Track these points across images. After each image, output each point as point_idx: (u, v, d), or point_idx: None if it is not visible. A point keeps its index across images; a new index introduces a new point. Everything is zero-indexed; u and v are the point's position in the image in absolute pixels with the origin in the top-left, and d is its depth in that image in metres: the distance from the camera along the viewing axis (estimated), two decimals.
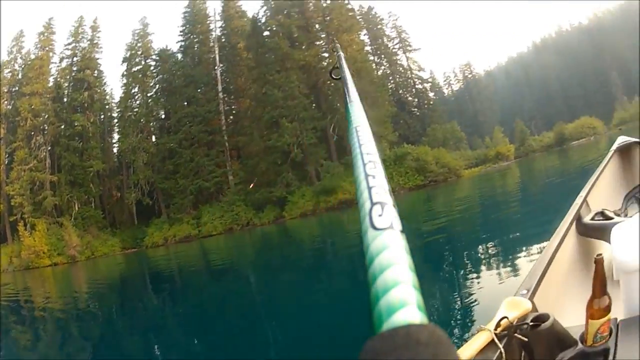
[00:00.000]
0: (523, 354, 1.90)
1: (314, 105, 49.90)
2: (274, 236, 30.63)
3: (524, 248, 9.10)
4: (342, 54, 1.52)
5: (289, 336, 7.44)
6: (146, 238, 43.84)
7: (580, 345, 1.91)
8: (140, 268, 26.07)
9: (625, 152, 6.12)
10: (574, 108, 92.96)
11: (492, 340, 1.81)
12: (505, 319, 1.87)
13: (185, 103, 51.00)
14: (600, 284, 1.85)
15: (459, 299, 7.17)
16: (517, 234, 11.21)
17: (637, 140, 6.02)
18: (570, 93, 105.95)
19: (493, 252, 9.74)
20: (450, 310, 6.62)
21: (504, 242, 10.52)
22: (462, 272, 8.99)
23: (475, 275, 8.25)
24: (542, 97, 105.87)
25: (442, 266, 10.07)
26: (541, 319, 1.91)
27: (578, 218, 3.85)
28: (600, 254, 1.87)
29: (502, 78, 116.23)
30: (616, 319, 2.01)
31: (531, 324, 1.88)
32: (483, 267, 8.57)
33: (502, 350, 1.76)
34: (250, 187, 46.12)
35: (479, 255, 9.89)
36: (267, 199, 43.28)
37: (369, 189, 0.46)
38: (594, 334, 1.86)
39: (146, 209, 47.77)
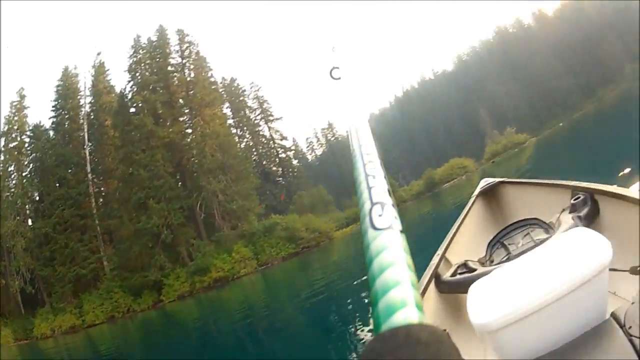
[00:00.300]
0: None
1: (180, 183, 52.23)
2: (156, 322, 31.50)
3: None
4: (341, 54, 1.60)
5: None
6: (34, 329, 42.55)
7: None
8: None
9: (490, 194, 6.04)
10: (442, 153, 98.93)
11: None
12: None
13: (57, 184, 50.67)
14: None
15: None
16: None
17: (501, 179, 6.02)
18: (437, 139, 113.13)
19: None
20: None
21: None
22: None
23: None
24: (407, 148, 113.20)
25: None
26: None
27: (436, 276, 3.82)
28: (445, 330, 1.88)
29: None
30: None
31: None
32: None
33: None
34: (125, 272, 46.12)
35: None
36: (143, 284, 43.97)
37: (369, 189, 0.48)
38: None
39: (31, 298, 46.76)
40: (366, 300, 10.99)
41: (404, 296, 0.32)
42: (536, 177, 5.59)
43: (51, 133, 55.12)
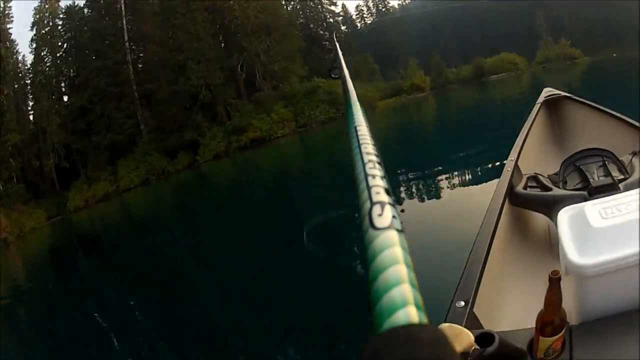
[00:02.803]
0: None
1: (222, 44, 51.23)
2: (190, 183, 31.85)
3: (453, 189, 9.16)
4: (340, 53, 1.53)
5: (216, 278, 7.88)
6: (68, 203, 43.30)
7: (529, 358, 1.86)
8: (68, 237, 26.66)
9: (552, 107, 5.92)
10: (494, 44, 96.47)
11: None
12: None
13: (94, 57, 50.38)
14: (554, 301, 1.77)
15: None
16: (440, 167, 11.11)
17: (566, 94, 5.91)
18: (490, 30, 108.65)
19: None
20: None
21: (428, 182, 10.48)
22: None
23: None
24: (460, 32, 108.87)
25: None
26: (484, 340, 1.76)
27: (510, 186, 3.69)
28: (558, 273, 1.77)
29: (417, 12, 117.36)
30: (569, 325, 1.93)
31: (475, 353, 1.71)
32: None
33: None
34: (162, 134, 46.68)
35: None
36: (179, 144, 44.35)
37: (369, 188, 0.46)
38: (545, 349, 1.80)
39: (66, 173, 47.31)
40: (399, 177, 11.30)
41: (404, 296, 0.33)
42: (585, 98, 5.38)
43: (85, 11, 53.83)
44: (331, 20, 72.30)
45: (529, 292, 1.93)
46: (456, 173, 10.40)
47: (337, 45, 1.95)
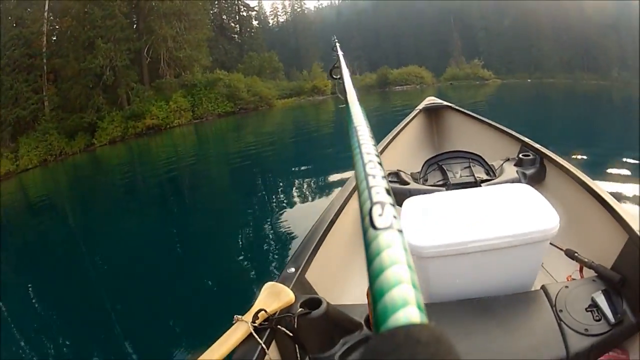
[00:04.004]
0: (296, 346, 1.84)
1: (135, 26, 51.15)
2: (85, 167, 31.70)
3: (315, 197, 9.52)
4: (341, 54, 1.62)
5: (109, 262, 7.94)
6: None
7: (365, 330, 1.96)
8: None
9: (432, 114, 6.20)
10: (404, 57, 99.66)
11: (252, 334, 1.75)
12: (263, 311, 1.81)
13: (14, 25, 49.16)
14: None
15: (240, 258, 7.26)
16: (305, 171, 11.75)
17: (449, 104, 6.14)
18: (402, 42, 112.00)
19: (290, 191, 10.23)
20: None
21: (310, 178, 11.00)
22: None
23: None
24: (371, 42, 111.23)
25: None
26: (312, 304, 1.90)
27: None
28: None
29: (332, 17, 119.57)
30: None
31: (299, 312, 1.84)
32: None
33: (264, 345, 1.72)
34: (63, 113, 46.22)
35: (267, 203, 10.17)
36: (79, 125, 44.17)
37: (369, 188, 0.46)
38: None
39: None
40: (294, 169, 12.20)
41: (404, 296, 0.33)
42: (486, 117, 5.52)
43: None
44: (244, 14, 73.24)
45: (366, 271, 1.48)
46: (326, 166, 11.29)
47: (338, 46, 2.02)
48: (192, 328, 5.06)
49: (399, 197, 2.91)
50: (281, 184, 10.87)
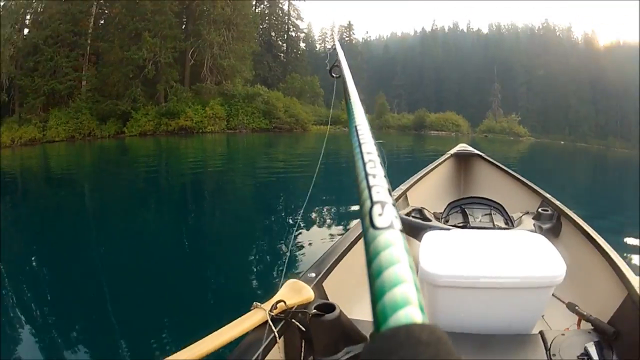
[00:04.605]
0: (303, 343, 1.93)
1: (184, 25, 51.85)
2: (112, 152, 31.74)
3: (342, 221, 9.49)
4: (342, 52, 1.60)
5: (117, 248, 7.67)
6: None
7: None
8: None
9: (462, 160, 6.37)
10: (443, 102, 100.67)
11: (267, 322, 1.81)
12: (282, 304, 1.89)
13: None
14: None
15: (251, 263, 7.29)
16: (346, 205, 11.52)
17: (478, 153, 6.26)
18: (444, 87, 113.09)
19: (314, 213, 10.06)
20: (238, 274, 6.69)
21: (334, 205, 11.02)
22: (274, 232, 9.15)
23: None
24: (413, 81, 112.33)
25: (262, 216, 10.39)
26: (326, 308, 1.94)
27: None
28: None
29: (379, 50, 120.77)
30: None
31: (313, 312, 1.89)
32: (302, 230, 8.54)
33: (276, 333, 1.79)
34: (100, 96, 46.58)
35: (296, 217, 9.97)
36: (112, 112, 44.65)
37: (369, 188, 0.46)
38: None
39: (2, 106, 46.58)
40: (319, 195, 11.80)
41: (404, 295, 0.33)
42: (514, 170, 5.66)
43: None
44: (293, 34, 73.94)
45: None
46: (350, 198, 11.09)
47: (338, 44, 2.00)
48: (206, 313, 5.13)
49: (420, 232, 3.01)
50: (302, 205, 10.61)
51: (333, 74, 1.63)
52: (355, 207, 9.69)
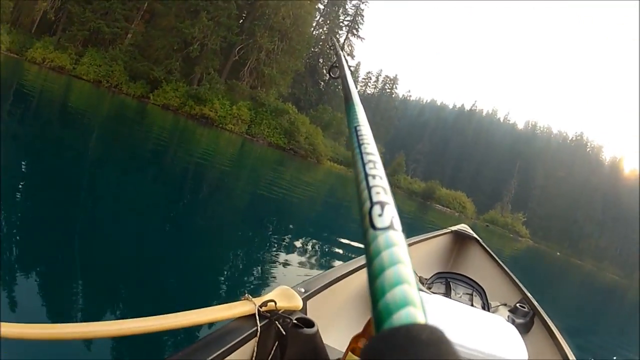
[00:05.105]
0: (276, 346, 1.98)
1: (242, 20, 52.31)
2: (131, 111, 31.48)
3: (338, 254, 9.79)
4: (341, 53, 1.55)
5: (104, 209, 7.34)
6: (30, 49, 44.40)
7: None
8: (13, 77, 25.61)
9: (459, 238, 6.53)
10: (458, 180, 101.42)
11: (253, 315, 1.89)
12: (272, 303, 1.96)
13: None
14: (372, 328, 1.70)
15: (248, 263, 7.36)
16: (342, 239, 11.68)
17: (476, 237, 6.39)
18: (463, 166, 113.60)
19: (307, 240, 10.20)
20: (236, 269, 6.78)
21: (327, 240, 11.18)
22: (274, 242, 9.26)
23: (281, 252, 8.40)
24: (436, 151, 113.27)
25: (259, 227, 10.42)
26: (307, 323, 2.02)
27: None
28: None
29: (414, 111, 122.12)
30: None
31: (295, 321, 1.97)
32: (294, 251, 8.73)
33: (259, 328, 1.85)
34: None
35: (298, 239, 10.20)
36: (145, 74, 45.18)
37: (369, 188, 0.47)
38: None
39: (46, 25, 47.93)
40: (310, 228, 12.31)
41: (404, 295, 0.33)
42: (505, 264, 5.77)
43: None
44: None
45: (357, 330, 2.06)
46: (342, 240, 11.28)
47: (338, 45, 2.00)
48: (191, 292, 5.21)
49: None
50: (293, 231, 10.99)
51: (332, 74, 1.54)
52: (350, 249, 10.14)
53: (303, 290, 2.44)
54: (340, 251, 10.10)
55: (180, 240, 7.05)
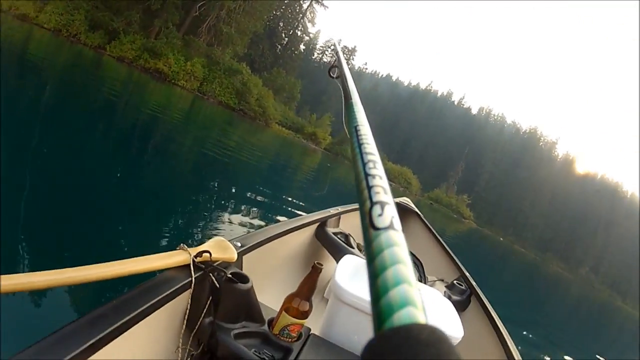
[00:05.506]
0: (210, 299, 1.94)
1: None
2: (87, 62, 31.59)
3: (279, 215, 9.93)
4: (341, 53, 1.59)
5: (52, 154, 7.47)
6: None
7: (266, 328, 2.07)
8: None
9: (400, 211, 4.96)
10: (405, 157, 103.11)
11: (188, 265, 1.85)
12: (207, 254, 1.93)
13: None
14: (307, 288, 2.06)
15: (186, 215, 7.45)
16: (288, 199, 12.20)
17: (417, 211, 6.46)
18: (411, 144, 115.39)
19: (249, 200, 10.37)
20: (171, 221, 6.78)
21: (270, 200, 11.35)
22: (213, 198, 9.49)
23: (220, 208, 8.63)
24: (386, 125, 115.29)
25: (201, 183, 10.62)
26: (241, 278, 1.99)
27: (323, 223, 4.15)
28: (321, 264, 2.05)
29: (368, 85, 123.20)
30: (309, 328, 2.21)
31: (229, 275, 1.93)
32: (230, 207, 8.91)
33: (193, 278, 1.82)
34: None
35: (239, 195, 10.54)
36: (105, 24, 44.62)
37: (369, 188, 0.48)
38: (282, 326, 2.02)
39: None
40: (255, 187, 12.51)
41: (404, 295, 0.34)
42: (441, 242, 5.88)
43: None
44: (299, 32, 75.57)
45: (290, 291, 2.10)
46: (284, 203, 11.69)
47: (337, 45, 1.90)
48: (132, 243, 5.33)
49: (340, 254, 3.41)
50: (237, 191, 11.31)
51: (332, 74, 1.58)
52: (291, 210, 10.73)
53: (239, 244, 2.42)
54: (282, 211, 10.42)
55: (124, 192, 7.28)
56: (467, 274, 4.60)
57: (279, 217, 9.56)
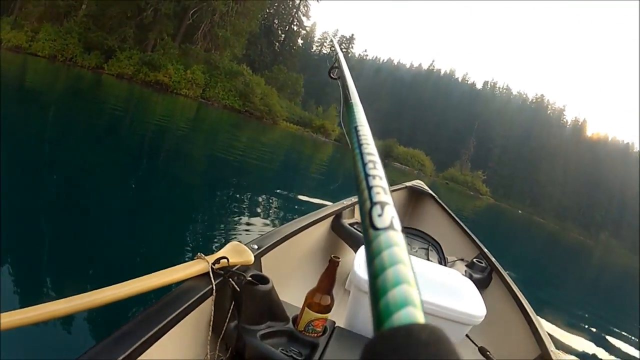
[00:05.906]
0: (233, 303, 1.97)
1: None
2: (86, 84, 31.31)
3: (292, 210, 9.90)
4: (341, 53, 1.57)
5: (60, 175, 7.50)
6: None
7: (291, 325, 2.08)
8: None
9: (414, 194, 6.56)
10: (416, 139, 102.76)
11: (207, 273, 1.88)
12: (225, 260, 1.97)
13: None
14: (327, 282, 2.06)
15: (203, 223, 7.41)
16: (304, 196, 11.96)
17: (431, 193, 6.45)
18: (421, 125, 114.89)
19: (265, 201, 10.31)
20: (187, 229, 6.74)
21: (285, 199, 11.27)
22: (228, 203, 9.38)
23: (235, 212, 8.52)
24: (394, 110, 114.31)
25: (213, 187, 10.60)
26: (261, 280, 2.00)
27: (338, 215, 4.16)
28: (338, 257, 2.05)
29: (370, 71, 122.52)
30: (334, 322, 2.21)
31: (249, 278, 1.95)
32: (247, 210, 8.79)
33: (214, 285, 1.85)
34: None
35: (252, 199, 10.30)
36: (99, 44, 44.79)
37: (369, 188, 0.48)
38: (306, 322, 2.04)
39: (4, 4, 46.95)
40: (268, 186, 12.33)
41: (404, 295, 0.34)
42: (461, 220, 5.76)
43: None
44: (295, 27, 75.60)
45: (312, 286, 2.09)
46: (299, 201, 11.44)
47: (337, 45, 1.91)
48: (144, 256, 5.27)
49: (358, 244, 3.49)
50: (251, 192, 11.04)
51: (332, 75, 1.59)
52: (308, 206, 10.56)
53: (256, 247, 2.44)
54: (299, 209, 10.30)
55: (139, 206, 7.22)
56: (486, 251, 4.55)
57: (296, 215, 8.46)
